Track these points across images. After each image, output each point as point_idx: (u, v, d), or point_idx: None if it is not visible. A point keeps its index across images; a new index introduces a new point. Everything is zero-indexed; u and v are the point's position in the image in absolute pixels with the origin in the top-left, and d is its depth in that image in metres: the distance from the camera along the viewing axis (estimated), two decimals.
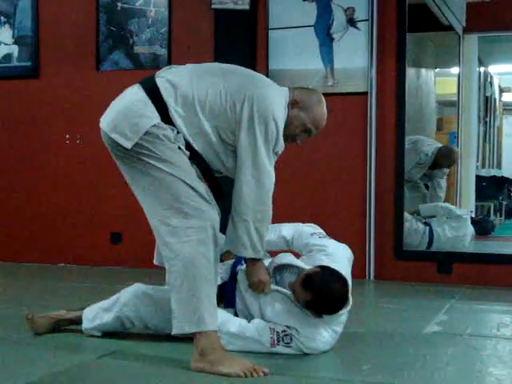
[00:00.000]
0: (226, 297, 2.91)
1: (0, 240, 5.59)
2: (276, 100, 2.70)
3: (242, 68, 2.88)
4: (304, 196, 4.94)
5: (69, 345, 2.90)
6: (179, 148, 2.61)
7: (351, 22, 4.79)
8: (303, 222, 3.19)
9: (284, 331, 2.73)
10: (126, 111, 2.65)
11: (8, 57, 5.57)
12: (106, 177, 5.28)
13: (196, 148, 2.64)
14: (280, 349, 2.73)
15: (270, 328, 2.74)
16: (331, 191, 4.91)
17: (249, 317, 2.86)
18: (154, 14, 5.22)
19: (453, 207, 5.52)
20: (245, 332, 2.75)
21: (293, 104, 2.75)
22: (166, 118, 2.61)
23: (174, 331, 2.57)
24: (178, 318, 2.55)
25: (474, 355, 2.86)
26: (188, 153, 2.63)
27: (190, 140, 2.63)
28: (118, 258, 5.25)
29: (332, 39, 4.84)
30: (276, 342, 2.72)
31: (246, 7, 4.94)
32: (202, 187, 2.63)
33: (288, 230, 3.06)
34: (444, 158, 5.65)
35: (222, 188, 2.74)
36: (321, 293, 2.66)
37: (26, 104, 5.56)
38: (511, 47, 6.54)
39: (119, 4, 5.29)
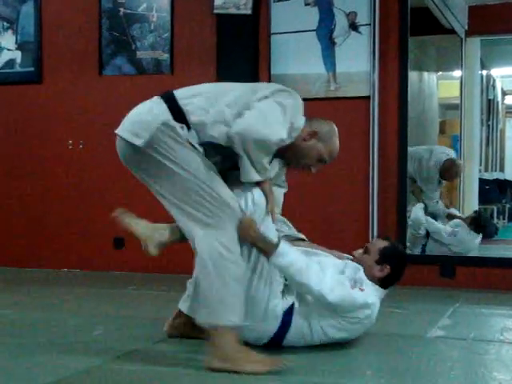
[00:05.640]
0: None
1: (2, 245, 5.60)
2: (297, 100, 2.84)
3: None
4: (306, 200, 4.94)
5: (74, 350, 2.90)
6: (191, 145, 2.64)
7: (353, 26, 4.80)
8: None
9: (352, 278, 2.80)
10: (138, 113, 2.74)
11: (11, 62, 5.58)
12: (108, 182, 5.29)
13: (216, 136, 2.66)
14: (356, 292, 2.76)
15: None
16: (334, 195, 4.91)
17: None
18: (157, 20, 5.23)
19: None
20: (325, 277, 2.74)
21: (311, 135, 2.85)
22: (178, 115, 2.65)
23: (201, 320, 2.60)
24: (206, 307, 2.58)
25: (477, 360, 2.86)
26: (201, 150, 2.66)
27: (210, 131, 2.65)
28: (120, 263, 5.26)
29: (334, 43, 4.85)
30: (353, 285, 2.77)
31: (249, 12, 4.95)
32: (222, 185, 2.66)
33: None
34: (446, 172, 5.61)
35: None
36: (400, 262, 2.98)
37: (28, 109, 5.57)
38: None
39: (122, 9, 5.30)
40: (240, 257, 2.64)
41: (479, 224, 5.43)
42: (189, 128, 2.65)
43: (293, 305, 2.82)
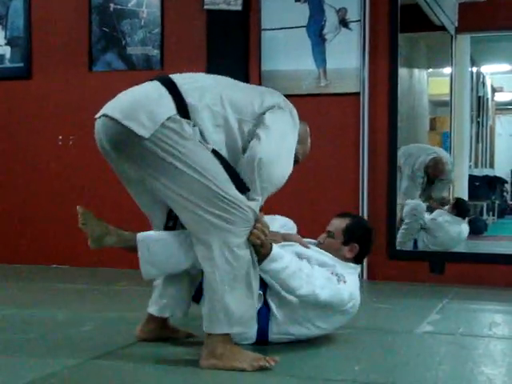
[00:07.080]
0: None
1: None
2: None
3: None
4: (296, 196, 4.94)
5: (61, 346, 2.89)
6: (199, 140, 2.45)
7: (343, 22, 4.80)
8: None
9: (331, 272, 2.75)
10: (141, 99, 2.48)
11: (0, 58, 5.55)
12: (98, 178, 5.27)
13: (217, 141, 2.50)
14: (342, 286, 2.73)
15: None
16: (323, 191, 4.91)
17: None
18: (147, 15, 5.22)
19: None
20: (315, 277, 2.70)
21: None
22: (181, 110, 2.45)
23: (207, 329, 2.52)
24: (210, 317, 2.50)
25: (465, 354, 2.87)
26: (211, 146, 2.47)
27: (211, 134, 2.48)
28: (110, 260, 5.24)
29: (324, 40, 4.85)
30: (338, 278, 2.73)
31: (239, 8, 4.95)
32: (232, 185, 2.48)
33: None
34: (431, 169, 5.66)
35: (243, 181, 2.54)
36: (367, 235, 2.99)
37: (18, 105, 5.55)
38: (504, 47, 6.55)
39: (111, 5, 5.28)
40: (249, 261, 2.50)
41: (460, 207, 5.61)
42: (194, 125, 2.46)
43: (266, 308, 2.78)
